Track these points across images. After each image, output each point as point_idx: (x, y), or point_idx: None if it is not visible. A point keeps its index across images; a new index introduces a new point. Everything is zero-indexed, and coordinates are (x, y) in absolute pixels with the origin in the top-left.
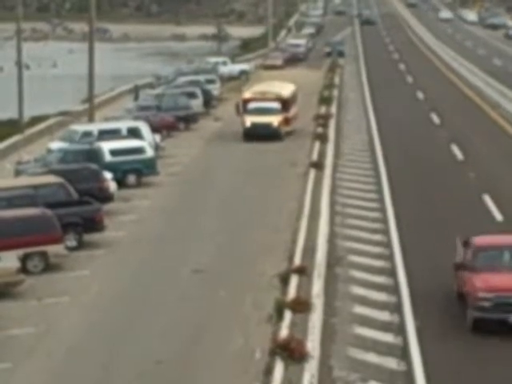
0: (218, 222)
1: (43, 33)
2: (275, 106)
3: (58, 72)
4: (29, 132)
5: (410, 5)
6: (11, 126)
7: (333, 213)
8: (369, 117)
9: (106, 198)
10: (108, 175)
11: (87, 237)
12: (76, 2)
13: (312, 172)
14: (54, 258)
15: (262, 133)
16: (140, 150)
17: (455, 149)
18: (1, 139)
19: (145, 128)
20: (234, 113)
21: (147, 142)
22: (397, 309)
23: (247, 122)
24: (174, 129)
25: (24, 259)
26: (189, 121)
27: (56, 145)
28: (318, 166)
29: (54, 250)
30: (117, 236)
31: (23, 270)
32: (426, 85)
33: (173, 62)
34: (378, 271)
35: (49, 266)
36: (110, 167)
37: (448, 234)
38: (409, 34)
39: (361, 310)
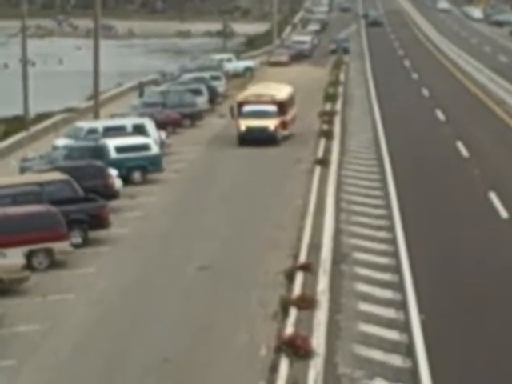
0: (224, 218)
1: (48, 30)
2: (271, 109)
3: (64, 69)
4: (34, 129)
5: None
6: (17, 123)
7: (338, 210)
8: (374, 113)
9: (112, 194)
10: (113, 172)
11: (92, 234)
12: None
13: (317, 169)
14: (59, 254)
15: (258, 137)
16: (145, 147)
17: (460, 146)
18: (6, 136)
19: (150, 125)
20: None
21: (152, 138)
22: (402, 306)
23: (242, 126)
24: (179, 126)
25: (29, 256)
26: (194, 118)
27: (61, 142)
28: (324, 162)
29: (59, 246)
30: (122, 233)
31: (28, 266)
32: (431, 81)
33: (178, 58)
34: (383, 268)
35: (54, 263)
36: (116, 164)
37: (453, 231)
38: (414, 31)
39: (366, 307)
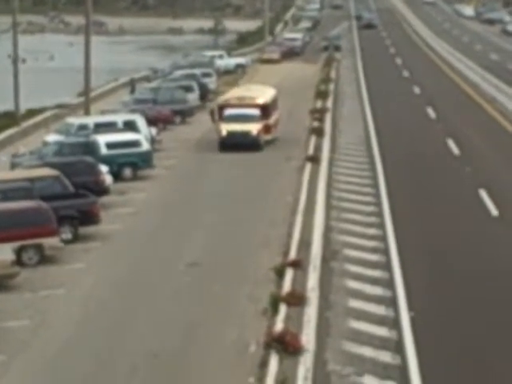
0: (214, 215)
1: (40, 26)
2: (254, 112)
3: (55, 65)
4: (25, 125)
5: None
6: (7, 119)
7: (328, 207)
8: (365, 111)
9: (102, 190)
10: (104, 168)
11: (83, 230)
12: None
13: (308, 166)
14: (49, 250)
15: (240, 142)
16: (136, 143)
17: (451, 143)
18: None
19: (141, 121)
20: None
21: (143, 135)
22: (392, 303)
23: (223, 131)
24: (170, 122)
25: (19, 252)
26: (185, 114)
27: (52, 137)
28: (314, 160)
29: (49, 242)
30: (112, 229)
31: (18, 262)
32: (423, 79)
33: (169, 55)
34: (374, 265)
35: (44, 259)
36: (106, 160)
37: (444, 228)
38: (405, 29)
39: (356, 303)
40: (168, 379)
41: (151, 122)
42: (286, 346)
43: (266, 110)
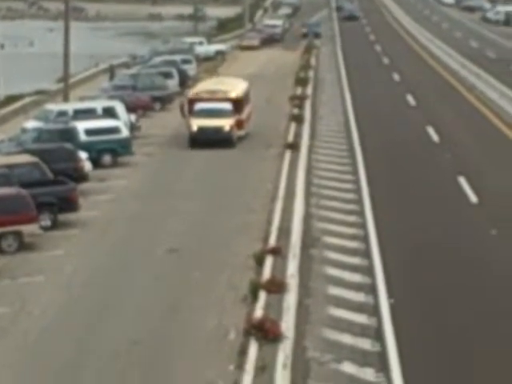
0: (193, 202)
1: (19, 12)
2: (226, 107)
3: (35, 51)
4: (3, 111)
5: None
6: None
7: (308, 194)
8: (345, 98)
9: (81, 177)
10: (83, 155)
11: (62, 216)
12: None
13: (287, 153)
14: (28, 237)
15: (212, 138)
16: (115, 130)
17: (431, 131)
18: None
19: (120, 108)
20: None
21: (122, 121)
22: (371, 290)
23: (194, 126)
24: (149, 109)
25: None
26: (164, 101)
27: (31, 124)
28: (294, 147)
29: (28, 229)
30: (91, 216)
31: None
32: (402, 66)
33: (149, 41)
34: (353, 252)
35: (23, 246)
36: (85, 147)
37: (423, 215)
38: (386, 16)
39: (335, 291)
40: (147, 366)
41: (130, 108)
42: (266, 333)
43: (238, 104)
